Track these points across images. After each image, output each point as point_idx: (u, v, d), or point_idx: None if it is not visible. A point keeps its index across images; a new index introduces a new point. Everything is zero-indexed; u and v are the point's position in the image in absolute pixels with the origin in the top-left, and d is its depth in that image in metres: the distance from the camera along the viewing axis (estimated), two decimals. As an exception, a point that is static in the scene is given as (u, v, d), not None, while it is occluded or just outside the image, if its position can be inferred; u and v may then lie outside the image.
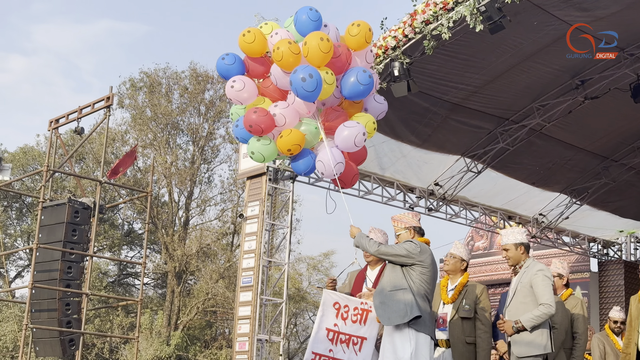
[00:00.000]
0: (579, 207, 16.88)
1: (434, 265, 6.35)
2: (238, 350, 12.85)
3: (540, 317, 6.23)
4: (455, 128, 14.28)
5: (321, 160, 6.30)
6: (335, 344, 6.60)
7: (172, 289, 32.34)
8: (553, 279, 6.52)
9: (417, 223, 6.60)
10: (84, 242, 14.27)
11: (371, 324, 6.60)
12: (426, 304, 6.20)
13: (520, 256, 6.54)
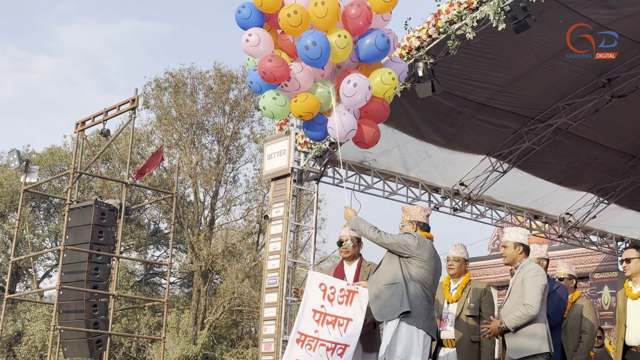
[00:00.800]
0: (606, 206, 16.73)
1: (434, 260, 6.31)
2: (264, 352, 12.88)
3: (521, 318, 6.25)
4: (480, 128, 14.21)
5: (331, 127, 6.16)
6: (322, 324, 6.55)
7: (198, 288, 32.49)
8: (546, 283, 6.44)
9: (422, 218, 6.54)
10: (111, 243, 14.39)
11: (357, 305, 6.56)
12: (421, 299, 6.15)
13: (517, 256, 6.57)
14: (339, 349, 6.48)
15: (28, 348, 30.34)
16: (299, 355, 6.53)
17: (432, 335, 6.25)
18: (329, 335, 6.52)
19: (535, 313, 6.24)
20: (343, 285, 6.69)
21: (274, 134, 13.59)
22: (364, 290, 6.63)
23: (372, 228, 6.37)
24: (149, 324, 31.43)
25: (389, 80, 6.08)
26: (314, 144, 13.01)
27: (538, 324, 6.30)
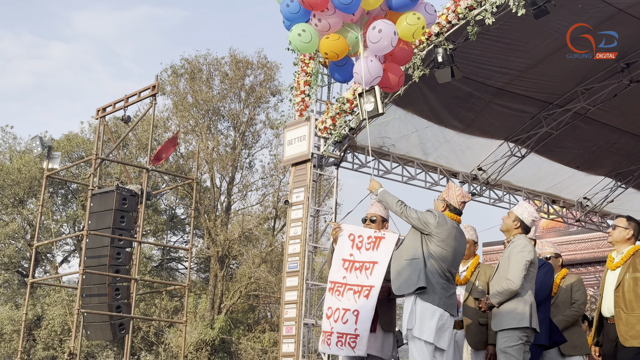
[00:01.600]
0: (624, 191, 16.78)
1: (455, 240, 6.39)
2: (285, 335, 13.03)
3: (502, 293, 6.38)
4: (498, 113, 14.28)
5: (357, 72, 6.25)
6: (350, 271, 6.79)
7: (215, 273, 32.69)
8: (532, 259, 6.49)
9: (456, 203, 6.60)
10: (132, 228, 14.56)
11: (383, 249, 6.75)
12: (438, 277, 6.26)
13: (513, 229, 6.67)
14: (365, 290, 6.67)
15: (48, 332, 30.67)
16: (330, 303, 6.80)
17: (451, 313, 6.35)
18: (356, 280, 6.74)
19: (515, 288, 6.35)
20: (370, 233, 6.90)
21: (294, 119, 13.70)
22: (390, 235, 6.83)
23: (398, 202, 6.47)
24: (166, 308, 31.70)
25: (414, 20, 6.07)
26: (334, 129, 13.11)
27: (520, 298, 6.40)
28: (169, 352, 31.38)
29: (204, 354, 31.03)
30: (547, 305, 7.13)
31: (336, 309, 6.76)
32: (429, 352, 6.23)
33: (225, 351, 32.35)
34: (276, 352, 32.27)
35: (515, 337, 6.34)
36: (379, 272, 6.70)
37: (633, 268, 6.56)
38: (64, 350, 29.65)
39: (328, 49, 6.05)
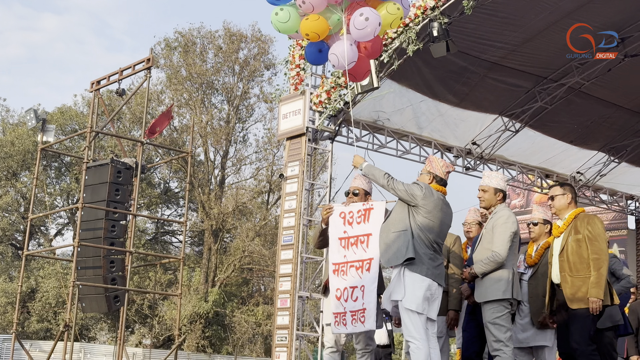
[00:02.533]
0: (617, 165, 16.85)
1: (441, 212, 6.46)
2: (280, 307, 13.13)
3: (487, 265, 6.43)
4: (493, 87, 14.30)
5: (335, 54, 6.28)
6: (347, 248, 6.88)
7: (209, 246, 32.79)
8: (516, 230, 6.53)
9: (441, 174, 6.68)
10: (126, 201, 14.58)
11: (374, 219, 6.82)
12: (425, 248, 6.34)
13: (496, 202, 6.71)
14: (365, 264, 6.75)
15: (42, 305, 30.79)
16: (338, 284, 6.87)
17: (439, 283, 6.43)
18: (354, 255, 6.83)
19: (501, 259, 6.40)
20: (359, 207, 6.96)
21: (289, 93, 13.70)
22: (378, 204, 6.91)
23: (385, 175, 6.57)
24: (160, 281, 31.83)
25: (394, 10, 6.23)
26: (329, 103, 13.12)
27: (505, 269, 6.46)
28: (163, 325, 31.55)
29: (198, 326, 31.20)
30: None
31: (344, 288, 6.83)
32: (421, 323, 6.31)
33: (219, 324, 32.53)
34: (270, 324, 32.46)
35: (501, 308, 6.41)
36: (375, 243, 6.76)
37: (574, 231, 6.62)
38: (58, 323, 29.78)
39: (309, 30, 6.11)
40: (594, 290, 6.36)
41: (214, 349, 32.28)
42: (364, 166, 6.65)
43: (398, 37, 11.91)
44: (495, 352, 6.31)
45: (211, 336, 32.19)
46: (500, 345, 6.32)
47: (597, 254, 6.46)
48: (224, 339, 32.97)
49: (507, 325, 6.41)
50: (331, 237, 7.06)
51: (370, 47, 6.47)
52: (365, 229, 6.86)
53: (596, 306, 6.35)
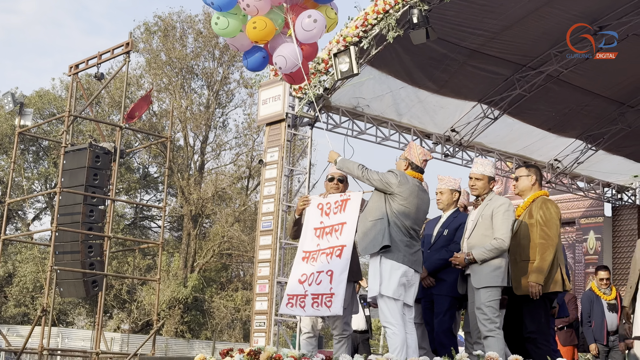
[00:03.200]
0: (594, 153, 16.96)
1: (417, 198, 6.51)
2: (258, 292, 13.15)
3: (491, 252, 6.48)
4: (472, 74, 14.35)
5: (283, 55, 6.31)
6: (322, 237, 6.95)
7: (188, 232, 32.76)
8: (515, 219, 6.63)
9: (418, 162, 6.73)
10: (105, 186, 14.55)
11: (350, 209, 6.89)
12: (402, 235, 6.41)
13: (488, 188, 6.77)
14: (336, 250, 6.81)
15: (19, 289, 30.64)
16: (305, 270, 6.92)
17: (416, 269, 6.49)
18: (327, 244, 6.90)
19: (506, 247, 6.49)
20: (337, 198, 7.05)
21: (269, 79, 13.67)
22: (355, 194, 6.97)
23: (359, 166, 6.63)
24: (139, 266, 31.77)
25: (333, 15, 6.46)
26: (309, 89, 13.11)
27: (503, 257, 6.56)
28: (142, 310, 31.52)
29: (176, 311, 31.21)
30: None
31: (310, 273, 6.88)
32: (398, 309, 6.37)
33: (197, 309, 32.56)
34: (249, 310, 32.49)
35: (497, 293, 6.53)
36: (349, 231, 6.82)
37: (529, 214, 6.72)
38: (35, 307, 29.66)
39: (259, 38, 6.18)
40: (534, 275, 6.49)
41: (192, 334, 32.31)
42: (338, 160, 6.73)
43: (378, 24, 11.91)
44: (489, 332, 6.42)
45: (190, 321, 32.22)
46: (494, 326, 6.44)
47: (544, 239, 6.56)
48: (203, 324, 33.00)
49: (497, 309, 6.54)
50: (306, 227, 7.11)
51: (309, 49, 6.52)
52: (341, 218, 6.93)
53: (535, 291, 6.47)
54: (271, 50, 6.50)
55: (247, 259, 33.61)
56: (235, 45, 6.58)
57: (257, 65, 6.74)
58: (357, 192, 7.02)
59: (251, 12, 6.14)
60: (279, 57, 6.28)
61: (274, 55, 6.34)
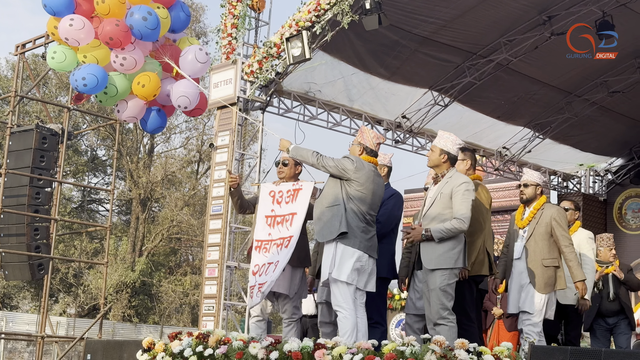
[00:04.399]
0: (542, 141, 17.22)
1: (373, 183, 6.51)
2: (207, 277, 13.10)
3: (451, 231, 6.29)
4: (423, 61, 14.44)
5: (185, 95, 6.26)
6: (273, 226, 6.97)
7: (136, 215, 32.45)
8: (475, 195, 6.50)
9: (371, 145, 6.72)
10: (52, 168, 14.32)
11: (300, 199, 6.91)
12: (358, 221, 6.40)
13: (441, 163, 6.55)
14: (285, 241, 6.85)
15: (-38, 273, 30.05)
16: (258, 261, 6.94)
17: (371, 255, 6.50)
18: (279, 234, 6.92)
19: (465, 228, 6.31)
20: (289, 187, 7.04)
21: (220, 62, 13.58)
22: (306, 184, 6.98)
23: (313, 153, 6.61)
24: (86, 250, 31.38)
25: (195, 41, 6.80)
26: (260, 73, 13.06)
27: (459, 238, 6.40)
28: (88, 294, 31.17)
29: (124, 296, 30.93)
30: (392, 237, 7.20)
31: (262, 264, 6.91)
32: (350, 293, 6.39)
33: (145, 293, 32.31)
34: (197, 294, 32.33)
35: (452, 276, 6.36)
36: (298, 222, 6.85)
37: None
38: (-21, 291, 29.15)
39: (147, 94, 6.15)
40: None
41: (140, 318, 32.07)
42: (291, 148, 6.69)
43: (331, 9, 11.91)
44: (441, 320, 6.27)
45: (137, 306, 31.97)
46: (447, 313, 6.29)
47: (472, 224, 6.54)
48: (151, 308, 32.77)
49: (453, 293, 6.36)
50: (258, 215, 7.12)
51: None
52: (292, 208, 6.94)
53: (461, 275, 6.52)
54: (161, 100, 6.41)
55: (196, 244, 33.43)
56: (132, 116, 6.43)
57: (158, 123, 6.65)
58: (309, 182, 7.03)
59: (129, 66, 6.01)
60: (182, 97, 6.17)
61: (174, 99, 6.23)
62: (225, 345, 6.58)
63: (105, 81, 5.99)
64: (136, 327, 30.91)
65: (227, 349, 6.53)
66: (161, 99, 6.47)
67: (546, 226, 7.15)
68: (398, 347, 5.69)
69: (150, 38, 6.00)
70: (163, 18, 6.08)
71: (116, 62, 5.99)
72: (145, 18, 5.87)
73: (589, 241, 8.23)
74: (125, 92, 6.20)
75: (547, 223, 7.15)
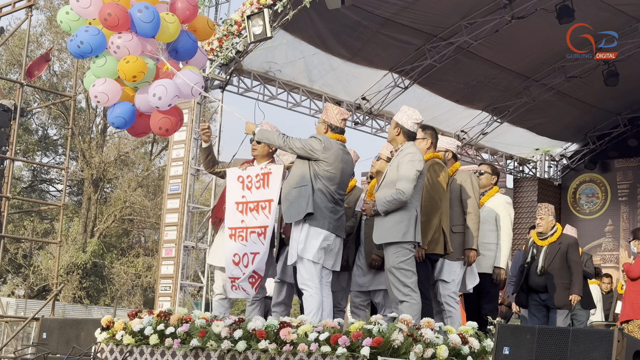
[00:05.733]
0: (499, 125, 17.32)
1: (342, 162, 6.45)
2: (164, 257, 12.94)
3: (391, 203, 6.16)
4: (385, 43, 14.38)
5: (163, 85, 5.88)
6: (245, 213, 6.85)
7: (88, 196, 32.04)
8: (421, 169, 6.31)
9: (337, 122, 6.61)
10: (4, 144, 13.97)
11: (273, 184, 6.78)
12: (326, 201, 6.34)
13: (395, 137, 6.46)
14: (264, 231, 6.75)
15: None
16: (236, 250, 6.83)
17: (338, 234, 6.45)
18: (255, 221, 6.79)
19: (406, 199, 6.14)
20: (257, 171, 6.91)
21: (179, 39, 13.34)
22: (276, 167, 6.86)
23: (279, 135, 6.53)
24: (36, 230, 30.89)
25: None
26: (220, 51, 12.89)
27: (407, 210, 6.22)
28: (38, 275, 30.72)
29: (75, 277, 30.55)
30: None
31: (244, 254, 6.80)
32: (316, 271, 6.35)
33: (97, 275, 31.96)
34: (150, 276, 32.09)
35: (405, 252, 6.20)
36: (275, 209, 6.76)
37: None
38: None
39: (130, 72, 5.82)
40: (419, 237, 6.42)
41: (91, 300, 31.73)
42: (257, 131, 6.58)
43: (294, -13, 11.79)
44: (404, 297, 6.17)
45: (89, 287, 31.62)
46: (408, 290, 6.17)
47: (428, 202, 6.60)
48: (102, 290, 32.46)
49: (412, 269, 6.23)
50: (227, 201, 6.99)
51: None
52: (266, 195, 6.81)
53: (418, 255, 6.47)
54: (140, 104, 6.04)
55: (150, 225, 33.13)
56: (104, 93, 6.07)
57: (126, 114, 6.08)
58: (278, 165, 6.92)
59: (121, 55, 5.82)
60: (159, 87, 5.82)
61: (152, 88, 5.84)
62: (187, 323, 6.47)
63: (159, 18, 5.83)
64: (87, 309, 30.53)
65: (190, 327, 6.42)
66: (140, 102, 6.17)
67: (456, 192, 7.12)
68: (365, 326, 5.64)
69: (146, 32, 5.82)
70: (167, 21, 5.87)
71: (111, 47, 5.84)
72: (141, 10, 5.76)
73: (506, 206, 7.87)
74: (112, 66, 5.97)
75: (457, 189, 7.13)
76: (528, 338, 5.24)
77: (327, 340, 5.57)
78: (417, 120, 6.56)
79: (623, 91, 16.43)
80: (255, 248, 6.77)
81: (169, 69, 5.94)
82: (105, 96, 5.99)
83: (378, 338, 5.45)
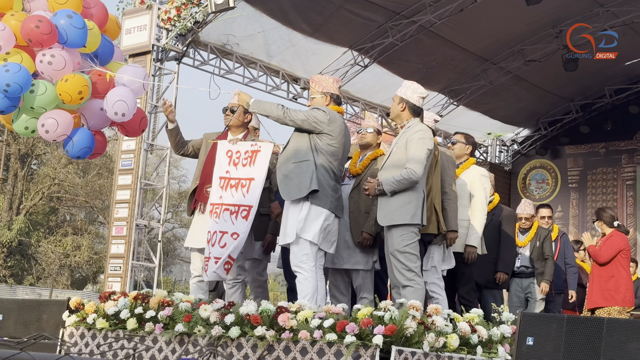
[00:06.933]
0: (456, 108, 17.13)
1: (345, 136, 6.06)
2: (115, 235, 12.28)
3: (401, 182, 5.80)
4: (347, 19, 13.94)
5: (122, 100, 5.32)
6: (225, 189, 6.42)
7: (15, 172, 30.98)
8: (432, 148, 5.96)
9: (335, 90, 6.21)
10: None
11: (259, 162, 6.40)
12: (329, 178, 5.95)
13: (400, 113, 6.12)
14: (242, 211, 6.32)
15: None
16: (210, 227, 6.38)
17: (337, 215, 6.06)
18: (232, 199, 6.36)
19: (417, 179, 5.79)
20: (247, 147, 6.48)
21: (134, 7, 12.68)
22: (265, 146, 6.44)
23: (277, 106, 6.03)
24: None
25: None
26: (178, 21, 12.27)
27: (416, 191, 5.87)
28: (-42, 253, 29.72)
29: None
30: None
31: (214, 232, 6.34)
32: (312, 252, 5.93)
33: (22, 254, 31.07)
34: (79, 255, 31.23)
35: (411, 235, 5.83)
36: (256, 190, 6.32)
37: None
38: None
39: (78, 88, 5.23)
40: None
41: (15, 279, 30.77)
42: (252, 102, 6.06)
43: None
44: (407, 282, 5.80)
45: (13, 266, 30.68)
46: (413, 275, 5.80)
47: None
48: (27, 269, 31.56)
49: (417, 253, 5.87)
50: (214, 176, 6.53)
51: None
52: (249, 173, 6.38)
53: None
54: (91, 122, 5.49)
55: (79, 203, 32.23)
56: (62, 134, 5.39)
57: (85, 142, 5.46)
58: (268, 143, 6.47)
59: (57, 66, 5.15)
60: (118, 102, 5.27)
61: (110, 107, 5.27)
62: (169, 307, 5.94)
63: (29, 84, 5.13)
64: (11, 289, 29.57)
65: (173, 311, 5.89)
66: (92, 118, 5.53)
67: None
68: (375, 312, 5.23)
69: (77, 41, 5.22)
70: (89, 28, 5.32)
71: (43, 61, 5.14)
72: (70, 16, 5.17)
73: (482, 179, 7.39)
74: (53, 91, 5.26)
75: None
76: (554, 328, 4.92)
77: (333, 327, 5.14)
78: (422, 94, 6.24)
79: (577, 77, 16.38)
80: (227, 227, 6.30)
81: (113, 76, 5.41)
82: (54, 122, 5.26)
83: (391, 326, 5.04)
